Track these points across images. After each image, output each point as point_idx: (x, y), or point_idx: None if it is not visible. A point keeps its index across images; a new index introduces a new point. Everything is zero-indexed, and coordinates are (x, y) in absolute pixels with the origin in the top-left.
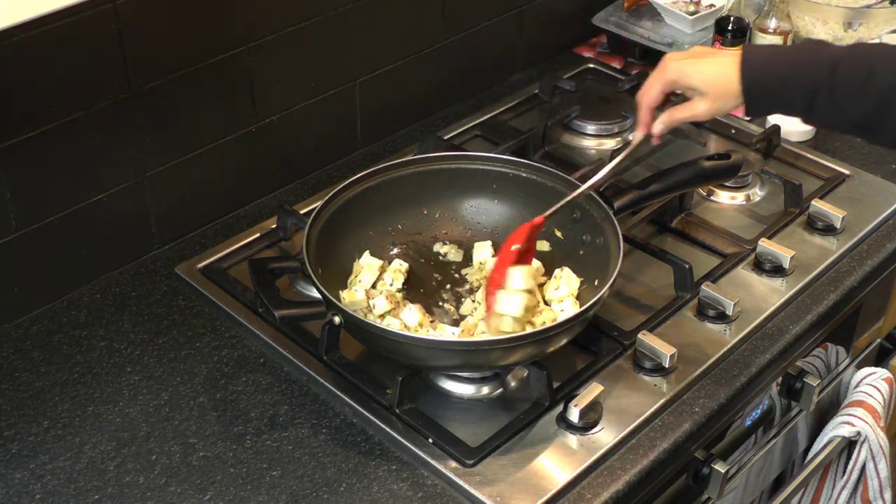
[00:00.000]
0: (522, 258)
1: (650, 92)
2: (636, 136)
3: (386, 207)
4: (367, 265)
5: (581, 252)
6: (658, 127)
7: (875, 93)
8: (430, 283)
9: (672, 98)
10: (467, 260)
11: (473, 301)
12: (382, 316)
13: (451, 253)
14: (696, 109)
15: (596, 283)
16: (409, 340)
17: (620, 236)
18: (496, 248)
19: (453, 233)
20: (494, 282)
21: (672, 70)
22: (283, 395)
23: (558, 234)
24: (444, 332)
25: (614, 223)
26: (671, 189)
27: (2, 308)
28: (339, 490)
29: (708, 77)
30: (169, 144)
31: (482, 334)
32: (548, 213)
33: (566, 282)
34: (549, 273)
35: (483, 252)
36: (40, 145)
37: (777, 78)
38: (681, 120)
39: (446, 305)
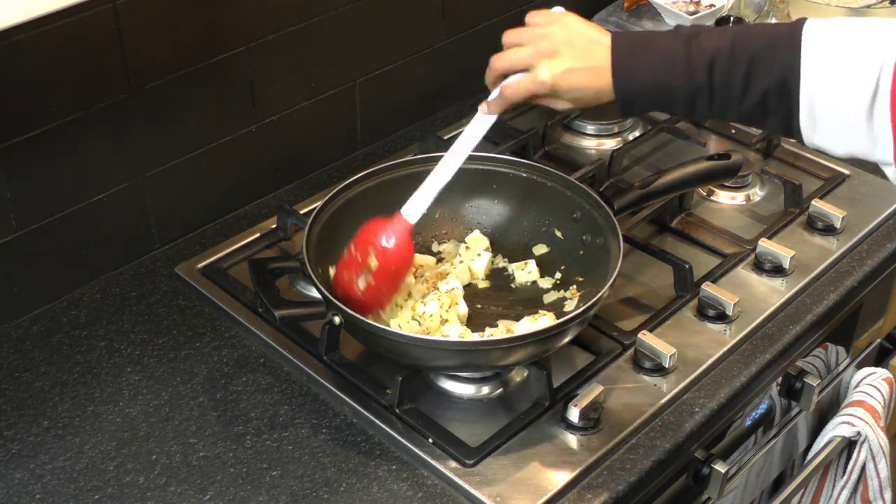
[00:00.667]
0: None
1: (518, 90)
2: (485, 110)
3: (386, 207)
4: None
5: (581, 252)
6: (486, 108)
7: (754, 91)
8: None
9: None
10: None
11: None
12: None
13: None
14: (556, 106)
15: (596, 283)
16: (409, 340)
17: (620, 236)
18: (493, 246)
19: (453, 233)
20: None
21: (547, 86)
22: (283, 395)
23: (558, 234)
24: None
25: (614, 223)
26: (671, 189)
27: (2, 308)
28: (339, 490)
29: (580, 96)
30: (169, 144)
31: (474, 334)
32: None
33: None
34: (550, 273)
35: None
36: (40, 145)
37: (654, 89)
38: (533, 103)
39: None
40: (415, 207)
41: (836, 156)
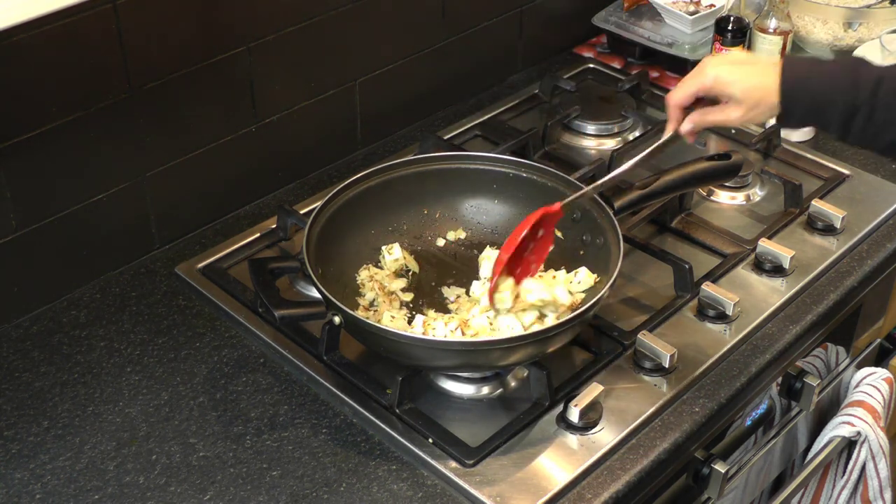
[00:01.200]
0: (534, 245)
1: (683, 91)
2: (666, 133)
3: (386, 207)
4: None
5: (581, 252)
6: (687, 126)
7: None
8: (430, 283)
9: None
10: (469, 257)
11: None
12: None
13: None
14: (730, 115)
15: (598, 277)
16: (409, 340)
17: (620, 236)
18: (493, 245)
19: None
20: (500, 263)
21: (710, 75)
22: (283, 395)
23: (558, 234)
24: (439, 329)
25: (614, 223)
26: (671, 189)
27: (2, 308)
28: (339, 490)
29: (746, 86)
30: (169, 144)
31: (476, 334)
32: (566, 201)
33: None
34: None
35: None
36: (40, 145)
37: (817, 94)
38: (712, 123)
39: (450, 306)
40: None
41: None
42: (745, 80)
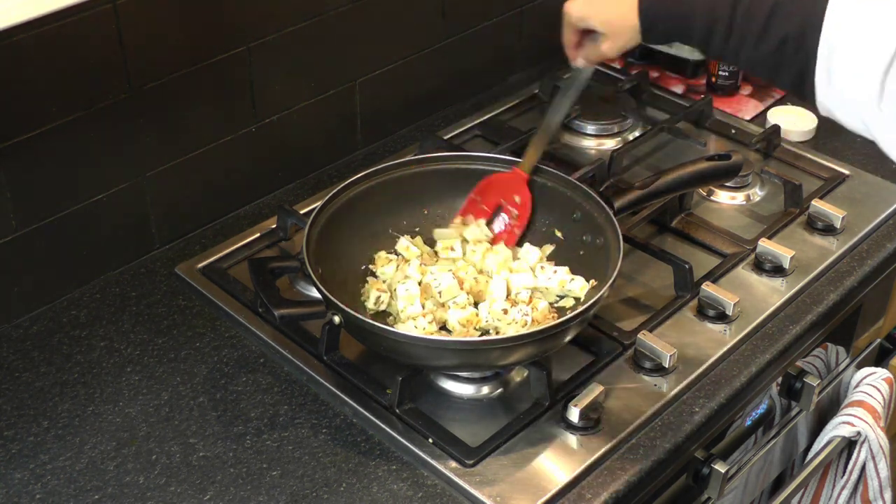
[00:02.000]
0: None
1: (564, 37)
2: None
3: (386, 207)
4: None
5: (581, 252)
6: (580, 62)
7: (773, 35)
8: None
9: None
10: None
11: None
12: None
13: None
14: (601, 49)
15: (595, 282)
16: (409, 340)
17: (620, 236)
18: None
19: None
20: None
21: (573, 16)
22: (283, 395)
23: (558, 234)
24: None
25: (614, 223)
26: (671, 189)
27: (2, 308)
28: (339, 490)
29: (605, 17)
30: (169, 144)
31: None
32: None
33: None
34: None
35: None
36: (40, 145)
37: (675, 14)
38: (595, 59)
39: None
40: (529, 163)
41: (844, 124)
42: (604, 12)
